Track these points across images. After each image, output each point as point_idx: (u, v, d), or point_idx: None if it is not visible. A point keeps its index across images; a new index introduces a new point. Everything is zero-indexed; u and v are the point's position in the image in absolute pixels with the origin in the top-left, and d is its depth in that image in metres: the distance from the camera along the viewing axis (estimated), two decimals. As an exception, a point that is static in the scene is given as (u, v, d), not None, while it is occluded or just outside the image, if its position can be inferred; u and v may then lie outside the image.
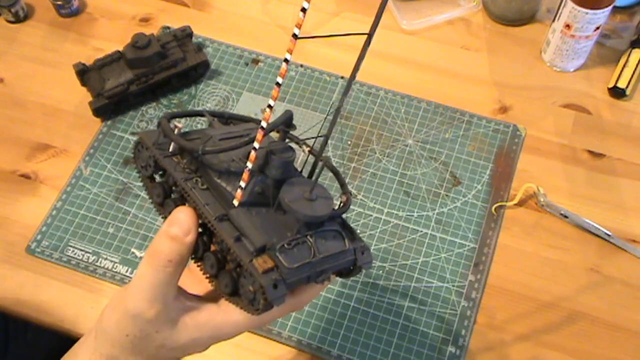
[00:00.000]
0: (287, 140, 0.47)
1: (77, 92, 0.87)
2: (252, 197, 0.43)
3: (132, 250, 0.76)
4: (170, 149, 0.47)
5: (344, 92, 0.39)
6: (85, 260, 0.76)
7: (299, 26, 0.34)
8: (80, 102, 0.87)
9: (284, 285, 0.40)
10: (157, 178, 0.51)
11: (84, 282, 0.75)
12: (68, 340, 0.72)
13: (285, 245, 0.41)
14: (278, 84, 0.37)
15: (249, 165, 0.41)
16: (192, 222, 0.44)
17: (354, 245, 0.44)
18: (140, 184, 0.80)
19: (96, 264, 0.76)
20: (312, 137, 0.46)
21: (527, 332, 0.71)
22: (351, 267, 0.46)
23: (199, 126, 0.84)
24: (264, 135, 0.40)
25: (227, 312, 0.46)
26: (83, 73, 0.85)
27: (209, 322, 0.46)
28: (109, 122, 0.86)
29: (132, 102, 0.87)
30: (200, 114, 0.53)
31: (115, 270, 0.75)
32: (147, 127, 0.86)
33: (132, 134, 0.85)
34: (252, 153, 0.40)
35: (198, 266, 0.47)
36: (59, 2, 0.94)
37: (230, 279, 0.43)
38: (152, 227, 0.78)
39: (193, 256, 0.46)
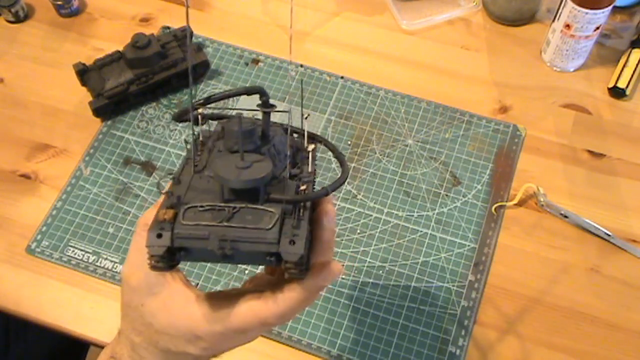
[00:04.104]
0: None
1: (77, 92, 0.87)
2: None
3: (132, 250, 0.76)
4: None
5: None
6: (85, 260, 0.76)
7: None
8: (80, 102, 0.87)
9: (170, 236, 0.40)
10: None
11: (84, 282, 0.75)
12: (68, 340, 0.73)
13: (199, 208, 0.41)
14: None
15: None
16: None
17: (289, 233, 0.40)
18: (140, 184, 0.81)
19: (96, 264, 0.76)
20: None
21: (527, 332, 0.71)
22: (273, 254, 0.41)
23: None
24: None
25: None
26: (83, 73, 0.84)
27: (197, 313, 0.43)
28: (109, 122, 0.86)
29: (132, 102, 0.87)
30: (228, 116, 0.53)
31: (115, 270, 0.75)
32: (147, 127, 0.86)
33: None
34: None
35: None
36: (59, 2, 0.94)
37: None
38: (152, 227, 0.78)
39: None
